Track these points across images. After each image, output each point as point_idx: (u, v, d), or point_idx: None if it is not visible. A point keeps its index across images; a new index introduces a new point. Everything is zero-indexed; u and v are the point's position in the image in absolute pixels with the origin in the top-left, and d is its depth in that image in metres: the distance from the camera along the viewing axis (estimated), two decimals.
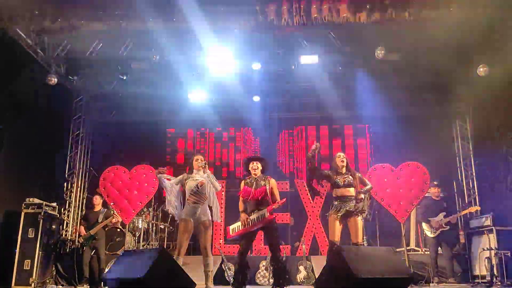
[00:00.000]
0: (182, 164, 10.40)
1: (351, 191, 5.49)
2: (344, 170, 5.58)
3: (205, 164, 5.43)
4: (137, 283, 3.98)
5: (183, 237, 5.24)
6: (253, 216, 5.28)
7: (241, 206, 5.50)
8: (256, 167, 5.49)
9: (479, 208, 8.27)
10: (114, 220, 7.47)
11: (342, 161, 5.62)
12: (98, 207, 7.59)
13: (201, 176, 5.42)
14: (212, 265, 5.34)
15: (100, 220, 7.40)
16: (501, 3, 6.90)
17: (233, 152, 10.90)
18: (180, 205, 5.45)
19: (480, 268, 7.12)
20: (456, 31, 7.10)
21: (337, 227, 5.40)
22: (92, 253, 7.40)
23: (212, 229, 8.17)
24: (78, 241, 7.50)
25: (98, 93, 9.97)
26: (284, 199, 5.39)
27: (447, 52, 7.77)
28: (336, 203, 5.49)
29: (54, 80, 8.21)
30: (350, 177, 5.54)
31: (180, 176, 5.53)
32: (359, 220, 5.42)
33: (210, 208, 5.50)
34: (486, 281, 6.76)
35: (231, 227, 5.48)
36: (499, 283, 6.57)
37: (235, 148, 10.88)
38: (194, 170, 5.47)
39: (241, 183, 5.59)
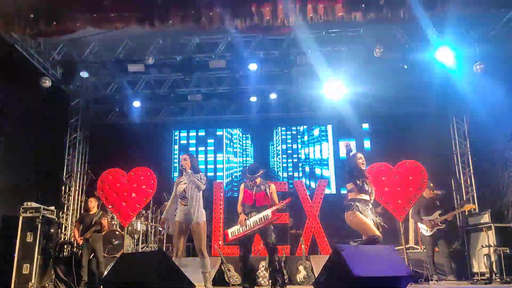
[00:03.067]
0: None
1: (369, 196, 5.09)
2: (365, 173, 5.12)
3: (184, 165, 5.35)
4: (136, 286, 3.96)
5: (178, 239, 5.27)
6: (254, 218, 5.26)
7: (239, 208, 5.50)
8: (256, 178, 5.52)
9: (474, 207, 8.28)
10: (104, 223, 7.39)
11: (363, 164, 5.08)
12: (93, 210, 7.54)
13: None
14: (208, 266, 5.33)
15: (93, 223, 7.36)
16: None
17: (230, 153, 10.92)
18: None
19: (479, 265, 7.13)
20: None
21: (370, 222, 4.97)
22: (91, 256, 7.37)
23: (212, 230, 8.22)
24: (75, 245, 7.47)
25: (95, 95, 9.96)
26: (289, 199, 5.40)
27: None
28: (359, 204, 5.00)
29: (48, 82, 8.18)
30: (368, 181, 5.11)
31: (175, 181, 5.58)
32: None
33: (205, 208, 5.50)
34: (485, 278, 6.78)
35: (230, 230, 5.46)
36: (498, 280, 6.58)
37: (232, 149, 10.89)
38: (183, 172, 5.43)
39: (240, 185, 5.60)
